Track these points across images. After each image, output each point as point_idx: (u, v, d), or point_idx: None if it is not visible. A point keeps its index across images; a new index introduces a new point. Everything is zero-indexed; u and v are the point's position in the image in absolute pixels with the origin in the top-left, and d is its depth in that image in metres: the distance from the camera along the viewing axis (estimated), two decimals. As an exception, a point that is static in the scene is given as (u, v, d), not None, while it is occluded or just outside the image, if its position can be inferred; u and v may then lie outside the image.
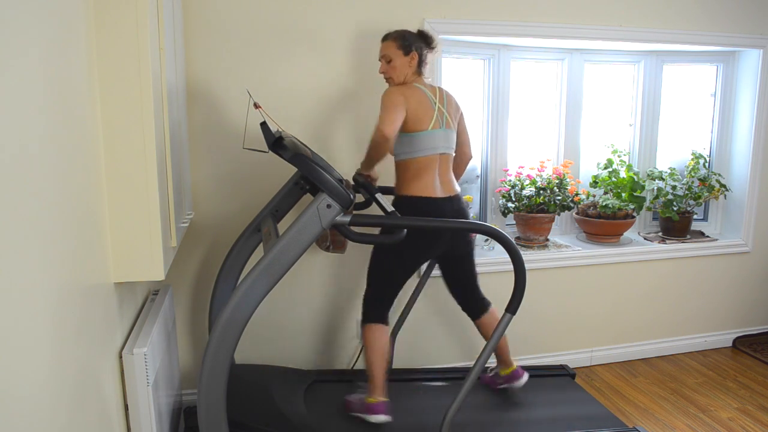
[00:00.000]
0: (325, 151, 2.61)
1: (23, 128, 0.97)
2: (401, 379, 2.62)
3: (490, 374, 2.55)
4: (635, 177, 3.22)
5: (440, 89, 2.30)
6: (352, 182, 2.29)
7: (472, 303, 2.43)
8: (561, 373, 2.74)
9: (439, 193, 2.22)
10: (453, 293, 2.46)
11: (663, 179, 3.31)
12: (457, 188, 2.31)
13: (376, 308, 2.27)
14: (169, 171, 1.73)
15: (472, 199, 3.01)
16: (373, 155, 2.15)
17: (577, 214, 3.27)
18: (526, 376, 2.46)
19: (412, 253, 2.23)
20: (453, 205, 2.26)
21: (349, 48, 2.61)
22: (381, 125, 2.07)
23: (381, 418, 2.19)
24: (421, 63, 2.26)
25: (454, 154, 2.32)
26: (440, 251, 2.29)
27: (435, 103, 2.23)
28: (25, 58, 0.99)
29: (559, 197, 3.05)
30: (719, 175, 3.40)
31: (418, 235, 2.17)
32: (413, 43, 2.23)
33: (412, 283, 2.53)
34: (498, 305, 2.16)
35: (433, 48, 2.27)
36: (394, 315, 2.67)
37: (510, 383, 2.47)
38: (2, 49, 0.89)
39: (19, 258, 0.93)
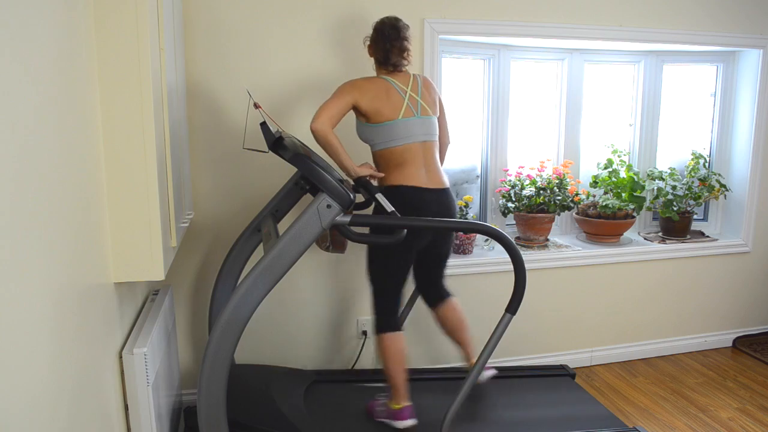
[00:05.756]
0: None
1: (23, 128, 0.97)
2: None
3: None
4: (635, 177, 3.22)
5: (415, 76, 2.24)
6: (352, 182, 2.29)
7: (432, 290, 2.42)
8: (561, 373, 2.74)
9: (423, 183, 2.16)
10: (416, 277, 2.45)
11: (663, 179, 3.31)
12: (446, 182, 2.24)
13: (384, 317, 2.25)
14: (169, 171, 1.73)
15: (472, 199, 3.01)
16: (327, 152, 2.09)
17: (577, 214, 3.27)
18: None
19: (399, 249, 2.18)
20: (440, 199, 2.20)
21: (349, 48, 2.61)
22: (313, 119, 2.03)
23: (408, 423, 2.19)
24: (384, 58, 2.20)
25: (436, 141, 2.26)
26: (422, 245, 2.27)
27: (406, 93, 2.18)
28: (25, 59, 0.99)
29: (559, 197, 3.05)
30: (719, 175, 3.40)
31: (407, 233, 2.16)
32: (371, 36, 2.25)
33: (412, 283, 2.53)
34: (498, 305, 2.16)
35: (383, 37, 2.19)
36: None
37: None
38: (3, 50, 0.89)
39: (19, 258, 0.93)
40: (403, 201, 2.14)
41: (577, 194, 3.12)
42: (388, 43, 2.18)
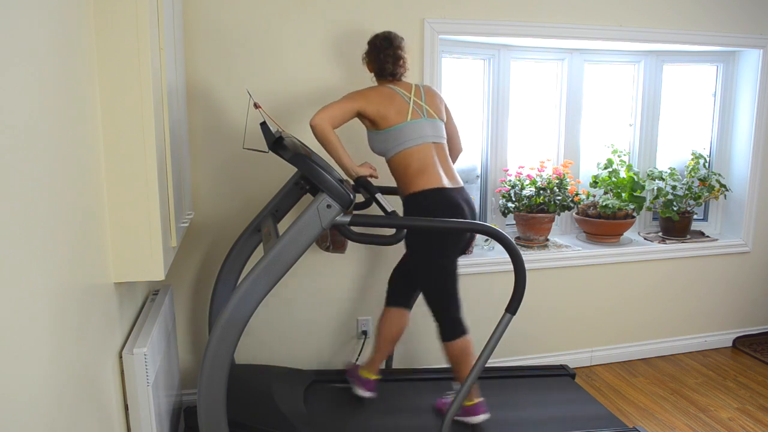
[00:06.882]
0: (325, 152, 2.61)
1: (23, 128, 0.97)
2: (401, 379, 2.63)
3: (355, 363, 2.53)
4: (635, 177, 3.22)
5: (416, 85, 2.28)
6: (352, 182, 2.29)
7: (404, 293, 2.39)
8: (561, 373, 2.74)
9: (447, 183, 2.18)
10: (400, 275, 2.42)
11: (663, 179, 3.31)
12: (461, 181, 2.27)
13: (454, 322, 2.22)
14: (169, 171, 1.73)
15: (472, 199, 3.01)
16: (326, 149, 2.11)
17: (577, 214, 3.27)
18: (370, 395, 2.39)
19: (452, 253, 2.21)
20: (465, 197, 2.23)
21: (349, 48, 2.61)
22: (313, 116, 2.06)
23: (483, 417, 2.24)
24: (380, 69, 2.25)
25: (446, 143, 2.28)
26: (464, 245, 2.28)
27: (409, 98, 2.21)
28: (25, 59, 0.99)
29: (559, 197, 3.05)
30: (719, 175, 3.40)
31: (447, 234, 2.15)
32: (366, 51, 2.30)
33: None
34: (498, 305, 2.16)
35: (376, 48, 2.24)
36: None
37: (358, 387, 2.40)
38: (3, 50, 0.89)
39: (19, 258, 0.93)
40: (434, 203, 2.14)
41: (577, 194, 3.12)
42: (382, 53, 2.23)
